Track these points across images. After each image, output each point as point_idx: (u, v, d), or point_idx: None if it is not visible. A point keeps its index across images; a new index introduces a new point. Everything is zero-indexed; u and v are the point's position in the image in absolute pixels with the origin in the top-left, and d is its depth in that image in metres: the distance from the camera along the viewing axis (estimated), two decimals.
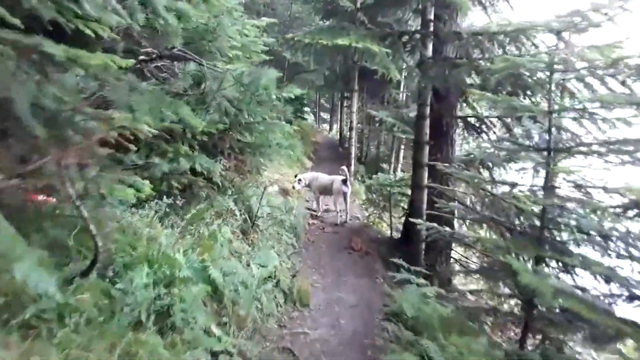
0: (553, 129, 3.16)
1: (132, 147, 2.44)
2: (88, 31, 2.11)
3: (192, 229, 3.07)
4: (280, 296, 3.40)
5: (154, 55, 2.21)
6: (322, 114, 27.23)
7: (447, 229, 3.74)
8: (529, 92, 4.85)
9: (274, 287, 3.32)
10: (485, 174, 5.87)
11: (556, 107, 3.19)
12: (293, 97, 3.67)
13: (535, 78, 4.20)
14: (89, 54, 1.34)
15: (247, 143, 3.86)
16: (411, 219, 4.52)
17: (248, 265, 3.31)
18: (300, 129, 13.60)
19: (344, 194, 6.27)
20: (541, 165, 3.24)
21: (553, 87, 3.24)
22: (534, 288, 1.98)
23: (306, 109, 18.36)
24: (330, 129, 23.57)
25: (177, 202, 3.03)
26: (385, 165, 12.44)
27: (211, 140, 3.47)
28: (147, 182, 2.36)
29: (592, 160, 3.21)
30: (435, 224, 3.67)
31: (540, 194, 3.33)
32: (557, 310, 2.87)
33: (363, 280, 4.48)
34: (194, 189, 3.34)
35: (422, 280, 3.43)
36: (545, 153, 3.16)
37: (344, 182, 6.20)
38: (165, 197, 2.91)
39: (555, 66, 3.12)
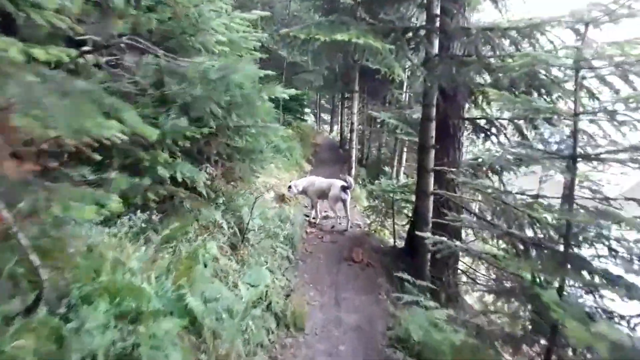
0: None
1: (97, 156, 2.11)
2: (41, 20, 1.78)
3: (171, 247, 2.72)
4: (272, 320, 3.04)
5: (99, 45, 1.84)
6: (322, 115, 26.90)
7: (458, 242, 3.38)
8: (543, 91, 4.49)
9: (264, 311, 2.96)
10: (494, 178, 5.52)
11: (581, 108, 2.85)
12: (287, 97, 3.31)
13: (553, 76, 3.84)
14: None
15: (237, 148, 3.49)
16: (418, 232, 4.15)
17: (236, 286, 2.95)
18: (299, 131, 13.27)
19: (344, 201, 5.91)
20: (564, 172, 2.90)
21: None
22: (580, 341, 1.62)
23: (306, 110, 18.06)
24: (331, 130, 23.25)
25: (154, 216, 2.67)
26: (387, 168, 12.07)
27: (196, 146, 3.11)
28: (114, 196, 2.01)
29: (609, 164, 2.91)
30: (444, 238, 3.32)
31: (561, 204, 3.01)
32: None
33: (365, 297, 4.12)
34: (175, 200, 2.99)
35: (430, 303, 3.07)
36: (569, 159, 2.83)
37: (344, 188, 5.83)
38: (139, 211, 2.56)
39: (582, 63, 2.77)
